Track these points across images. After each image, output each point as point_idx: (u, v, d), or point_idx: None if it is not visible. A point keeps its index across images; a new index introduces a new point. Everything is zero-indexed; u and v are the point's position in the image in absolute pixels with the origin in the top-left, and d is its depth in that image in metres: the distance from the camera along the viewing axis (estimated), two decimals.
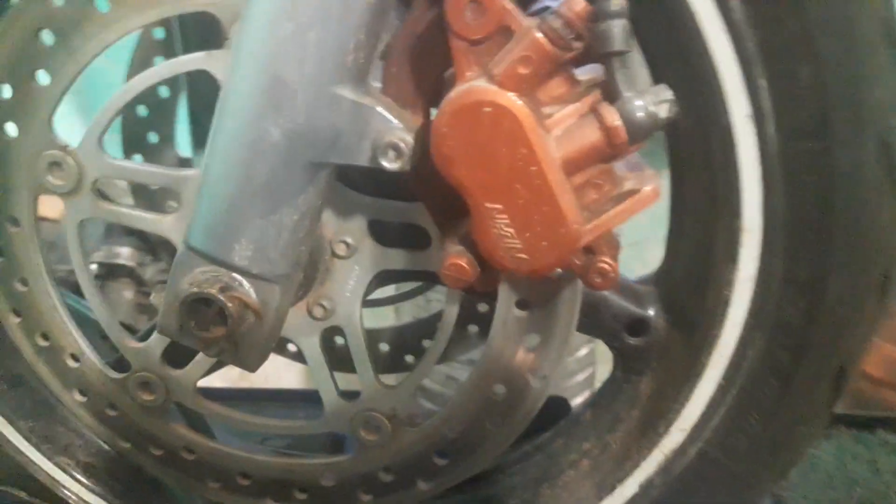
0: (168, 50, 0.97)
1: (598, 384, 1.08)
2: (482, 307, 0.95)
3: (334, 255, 0.70)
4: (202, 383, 0.76)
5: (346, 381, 0.76)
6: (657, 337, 0.78)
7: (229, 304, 0.59)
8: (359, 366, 0.72)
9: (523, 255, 0.55)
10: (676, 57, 0.66)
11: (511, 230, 0.54)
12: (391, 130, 0.56)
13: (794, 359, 0.69)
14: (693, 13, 0.62)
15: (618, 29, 0.52)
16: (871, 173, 0.64)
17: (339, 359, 0.79)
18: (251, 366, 0.65)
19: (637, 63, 0.58)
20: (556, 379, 0.77)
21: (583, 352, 1.12)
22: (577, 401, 1.09)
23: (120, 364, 0.76)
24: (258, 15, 0.54)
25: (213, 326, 0.61)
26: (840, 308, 0.69)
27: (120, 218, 0.70)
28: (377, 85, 0.59)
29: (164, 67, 0.66)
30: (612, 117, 0.52)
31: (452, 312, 0.71)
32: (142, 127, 1.01)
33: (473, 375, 0.71)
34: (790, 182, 0.65)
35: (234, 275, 0.60)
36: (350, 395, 0.74)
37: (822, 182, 0.64)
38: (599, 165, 0.56)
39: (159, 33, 0.96)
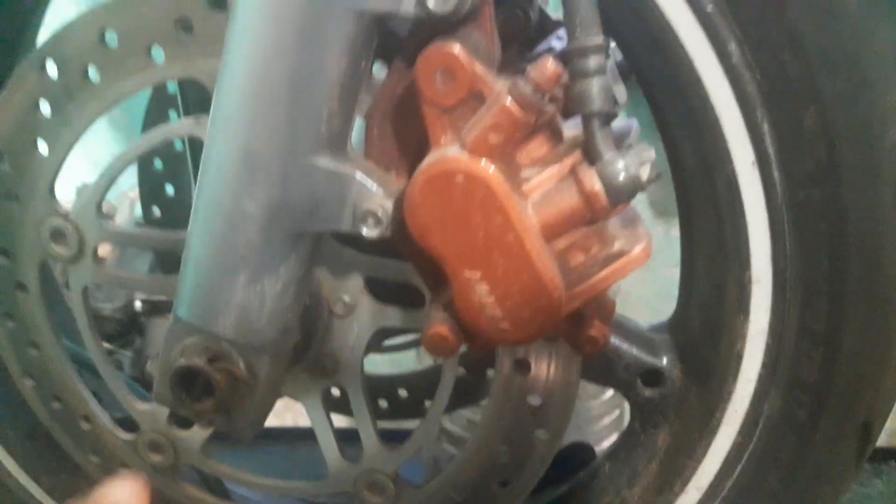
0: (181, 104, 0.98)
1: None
2: None
3: (333, 313, 0.69)
4: None
5: None
6: (672, 388, 0.75)
7: (217, 376, 0.59)
8: (360, 426, 0.71)
9: (505, 325, 0.53)
10: (680, 101, 0.63)
11: (492, 299, 0.52)
12: (370, 197, 0.55)
13: (813, 415, 0.65)
14: (690, 58, 0.59)
15: (596, 88, 0.50)
16: (888, 219, 0.60)
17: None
18: (245, 434, 0.64)
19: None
20: (580, 424, 0.75)
21: (608, 394, 1.08)
22: (605, 444, 1.05)
23: (130, 424, 0.77)
24: (228, 87, 0.53)
25: (203, 397, 0.60)
26: (861, 361, 0.64)
27: (122, 282, 0.70)
28: (357, 150, 0.58)
29: (155, 135, 0.67)
30: (592, 181, 0.50)
31: (452, 370, 0.69)
32: (158, 180, 1.02)
33: (475, 438, 0.69)
34: (800, 231, 0.61)
35: (224, 344, 0.60)
36: (354, 456, 0.73)
37: (834, 230, 0.60)
38: (585, 227, 0.53)
39: (172, 87, 0.97)
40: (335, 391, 1.00)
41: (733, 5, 0.56)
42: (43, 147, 0.66)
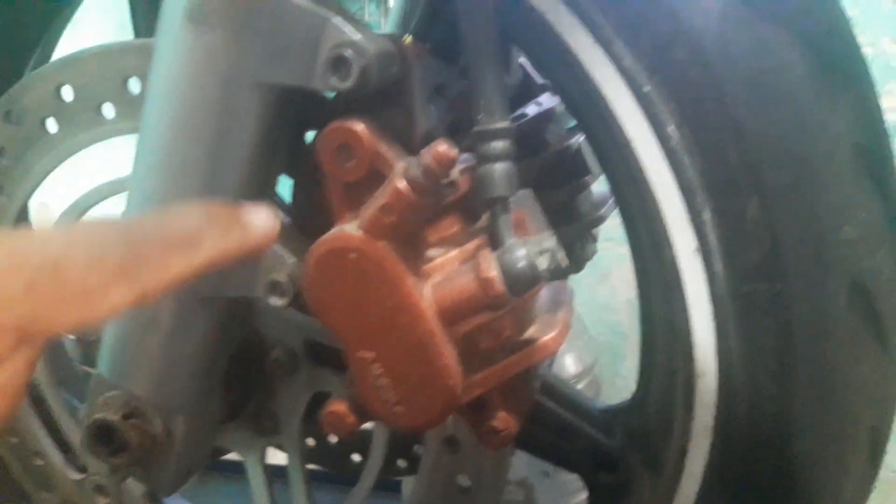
0: None
1: None
2: None
3: (274, 371, 0.68)
4: None
5: None
6: (628, 475, 0.71)
7: (130, 432, 0.59)
8: (293, 489, 0.70)
9: (400, 409, 0.51)
10: (625, 178, 0.60)
11: (386, 381, 0.50)
12: (281, 266, 0.54)
13: None
14: (628, 138, 0.56)
15: (499, 173, 0.49)
16: (841, 321, 0.56)
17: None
18: (166, 490, 0.64)
19: (533, 205, 0.54)
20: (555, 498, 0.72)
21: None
22: None
23: (81, 465, 0.78)
24: (144, 156, 0.54)
25: (119, 452, 0.60)
26: (817, 470, 0.59)
27: None
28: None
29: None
30: (489, 267, 0.48)
31: (381, 438, 0.67)
32: None
33: None
34: (744, 326, 0.57)
35: (141, 401, 0.60)
36: None
37: (781, 329, 0.56)
38: (496, 311, 0.51)
39: None
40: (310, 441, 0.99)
41: (672, 87, 0.54)
42: (2, 193, 0.68)
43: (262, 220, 0.39)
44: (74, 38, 0.94)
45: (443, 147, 0.45)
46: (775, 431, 0.59)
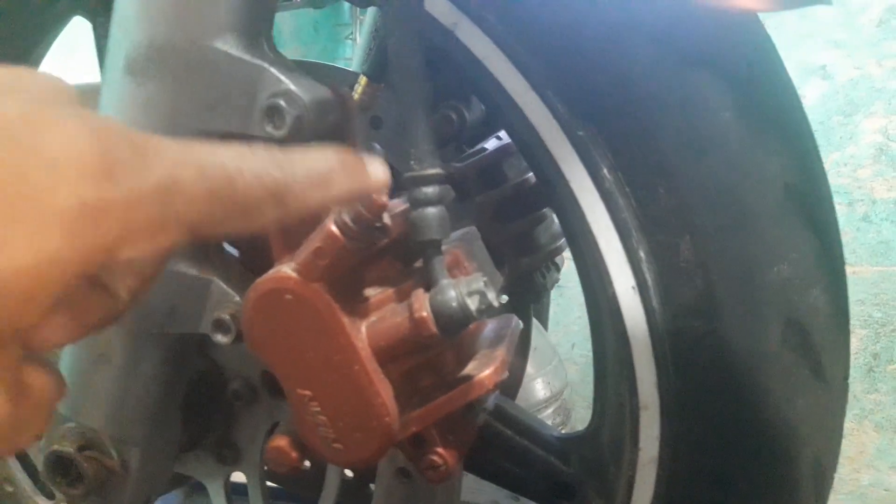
0: None
1: None
2: None
3: (233, 402, 0.70)
4: None
5: None
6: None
7: (84, 464, 0.60)
8: None
9: (339, 445, 0.52)
10: (567, 216, 0.62)
11: (324, 418, 0.52)
12: (227, 304, 0.56)
13: None
14: (566, 179, 0.58)
15: (430, 218, 0.50)
16: (776, 357, 0.57)
17: None
18: None
19: (473, 243, 0.55)
20: None
21: None
22: None
23: (48, 492, 0.79)
24: None
25: (75, 483, 0.62)
26: (761, 502, 0.60)
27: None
28: (230, 252, 0.59)
29: None
30: (420, 307, 0.49)
31: (336, 473, 0.68)
32: None
33: None
34: (681, 361, 0.58)
35: (96, 433, 0.61)
36: None
37: (716, 365, 0.57)
38: (434, 348, 0.53)
39: None
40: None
41: (604, 131, 0.55)
42: None
43: (380, 172, 0.42)
44: (74, 65, 0.97)
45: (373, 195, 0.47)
46: (717, 464, 0.60)
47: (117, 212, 0.28)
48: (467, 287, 0.49)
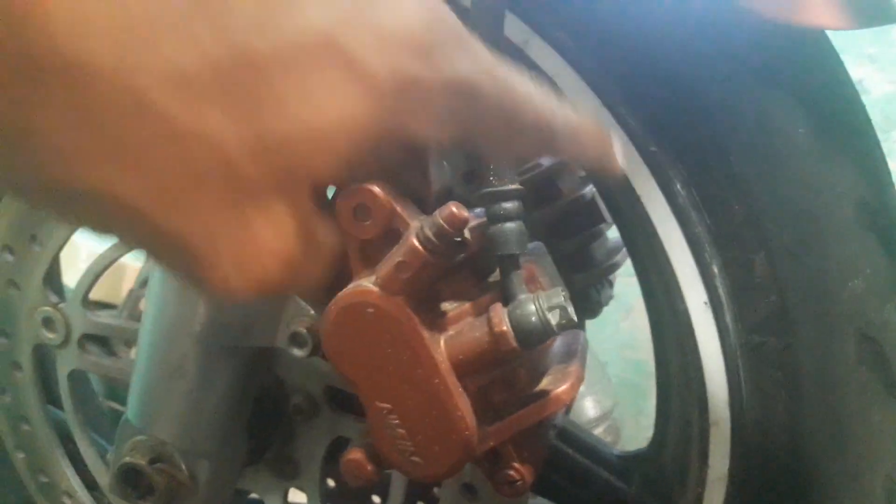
0: None
1: None
2: None
3: (294, 417, 0.70)
4: None
5: None
6: None
7: (156, 477, 0.61)
8: None
9: (417, 459, 0.52)
10: (637, 234, 0.62)
11: (402, 431, 0.52)
12: (302, 318, 0.56)
13: None
14: (637, 195, 0.58)
15: (509, 232, 0.50)
16: (850, 372, 0.56)
17: None
18: None
19: (544, 259, 0.55)
20: None
21: None
22: None
23: None
24: None
25: (146, 495, 0.62)
26: None
27: (102, 370, 0.74)
28: None
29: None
30: (500, 322, 0.49)
31: (401, 480, 0.68)
32: None
33: None
34: (755, 378, 0.58)
35: (167, 446, 0.62)
36: None
37: (790, 382, 0.57)
38: (510, 363, 0.53)
39: None
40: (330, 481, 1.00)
41: (677, 147, 0.55)
42: (37, 242, 0.72)
43: (620, 150, 0.43)
44: None
45: (454, 209, 0.47)
46: (789, 482, 0.59)
47: (421, 92, 0.29)
48: (547, 301, 0.49)
